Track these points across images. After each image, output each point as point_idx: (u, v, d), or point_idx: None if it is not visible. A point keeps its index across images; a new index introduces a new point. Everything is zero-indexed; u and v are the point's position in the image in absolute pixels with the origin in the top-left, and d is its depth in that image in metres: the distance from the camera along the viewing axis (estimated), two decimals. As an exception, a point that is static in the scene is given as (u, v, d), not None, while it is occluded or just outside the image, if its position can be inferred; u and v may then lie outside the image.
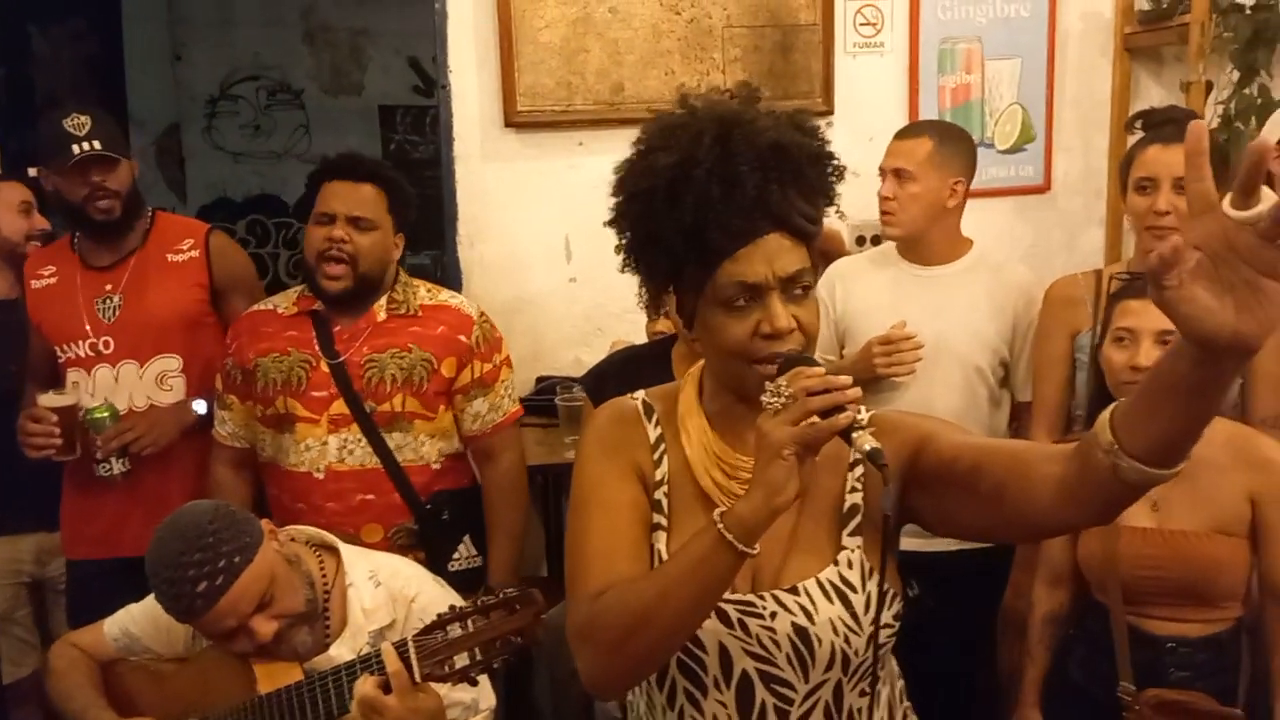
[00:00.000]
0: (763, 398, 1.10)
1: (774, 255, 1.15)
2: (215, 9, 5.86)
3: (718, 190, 1.14)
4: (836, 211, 1.24)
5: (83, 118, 2.38)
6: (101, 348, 2.42)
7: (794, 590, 1.21)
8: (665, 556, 1.23)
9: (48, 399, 2.31)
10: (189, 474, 2.44)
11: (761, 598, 1.21)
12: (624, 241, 1.25)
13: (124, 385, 2.43)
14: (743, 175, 1.13)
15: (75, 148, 2.34)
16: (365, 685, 1.55)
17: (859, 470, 1.24)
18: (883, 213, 2.42)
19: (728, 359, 1.19)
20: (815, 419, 1.05)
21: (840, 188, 1.24)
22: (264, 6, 5.84)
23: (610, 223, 1.26)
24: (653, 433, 1.29)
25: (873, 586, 1.21)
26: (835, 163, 1.21)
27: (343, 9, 5.91)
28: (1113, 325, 1.92)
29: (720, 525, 1.08)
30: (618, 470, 1.25)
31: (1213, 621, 1.87)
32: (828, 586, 1.21)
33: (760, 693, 1.22)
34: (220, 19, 5.87)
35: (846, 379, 1.07)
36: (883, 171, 2.42)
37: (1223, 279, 0.85)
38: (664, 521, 1.26)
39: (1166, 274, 0.86)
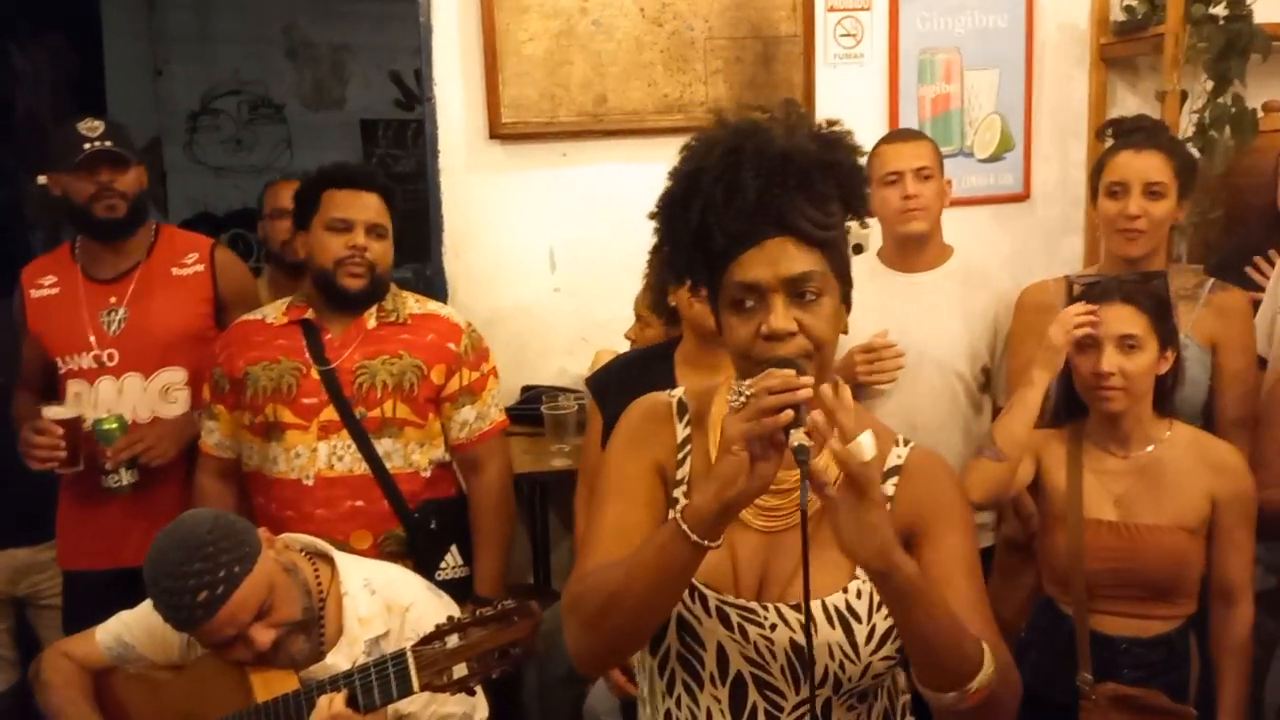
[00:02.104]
0: (728, 396, 1.15)
1: (777, 258, 1.18)
2: (196, 24, 5.86)
3: (720, 195, 1.18)
4: (860, 223, 1.26)
5: (96, 122, 2.40)
6: (106, 360, 2.42)
7: (798, 607, 1.22)
8: None
9: (52, 412, 2.31)
10: (186, 488, 2.43)
11: (765, 607, 1.23)
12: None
13: (128, 397, 2.43)
14: (744, 181, 1.17)
15: (87, 145, 2.35)
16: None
17: (887, 506, 1.20)
18: (911, 210, 2.42)
19: (738, 359, 1.22)
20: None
21: None
22: (245, 22, 5.84)
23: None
24: (681, 432, 1.32)
25: (879, 620, 1.22)
26: (846, 170, 1.21)
27: (324, 24, 5.92)
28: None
29: (678, 517, 1.12)
30: (640, 465, 1.30)
31: (1167, 619, 1.91)
32: (832, 611, 1.22)
33: (753, 695, 1.25)
34: (201, 34, 5.87)
35: (809, 379, 1.10)
36: (898, 174, 2.43)
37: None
38: None
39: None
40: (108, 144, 2.37)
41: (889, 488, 1.25)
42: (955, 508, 1.27)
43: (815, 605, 1.22)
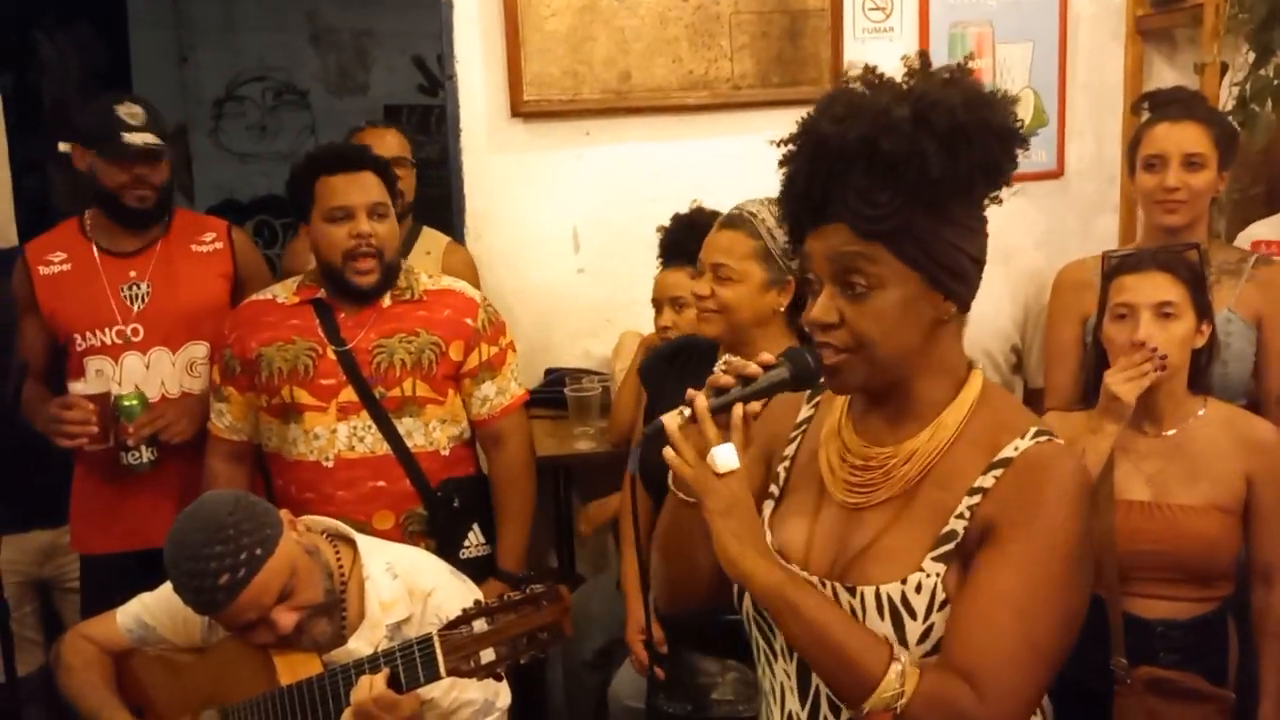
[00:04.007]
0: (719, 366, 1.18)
1: (823, 245, 1.15)
2: (221, 12, 5.86)
3: (785, 179, 1.19)
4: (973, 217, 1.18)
5: (136, 107, 2.38)
6: (130, 335, 2.40)
7: (852, 591, 1.17)
8: (768, 524, 1.27)
9: (79, 387, 2.29)
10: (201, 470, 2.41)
11: (824, 584, 1.19)
12: None
13: (155, 372, 2.41)
14: (798, 167, 1.16)
15: (128, 137, 2.34)
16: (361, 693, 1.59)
17: (976, 498, 1.14)
18: None
19: None
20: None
21: None
22: (269, 9, 5.83)
23: None
24: (804, 413, 1.32)
25: (938, 619, 1.13)
26: (903, 158, 1.09)
27: (348, 10, 5.90)
28: (1110, 302, 1.91)
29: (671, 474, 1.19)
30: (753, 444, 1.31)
31: (1202, 601, 1.86)
32: (884, 601, 1.15)
33: (815, 678, 1.21)
34: (226, 22, 5.87)
35: (755, 370, 1.15)
36: None
37: None
38: (776, 492, 1.30)
39: None
40: (149, 139, 2.35)
41: (989, 480, 1.14)
42: (1037, 522, 1.11)
43: (869, 592, 1.16)
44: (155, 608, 1.87)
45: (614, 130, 3.05)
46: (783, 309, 2.01)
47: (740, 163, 3.07)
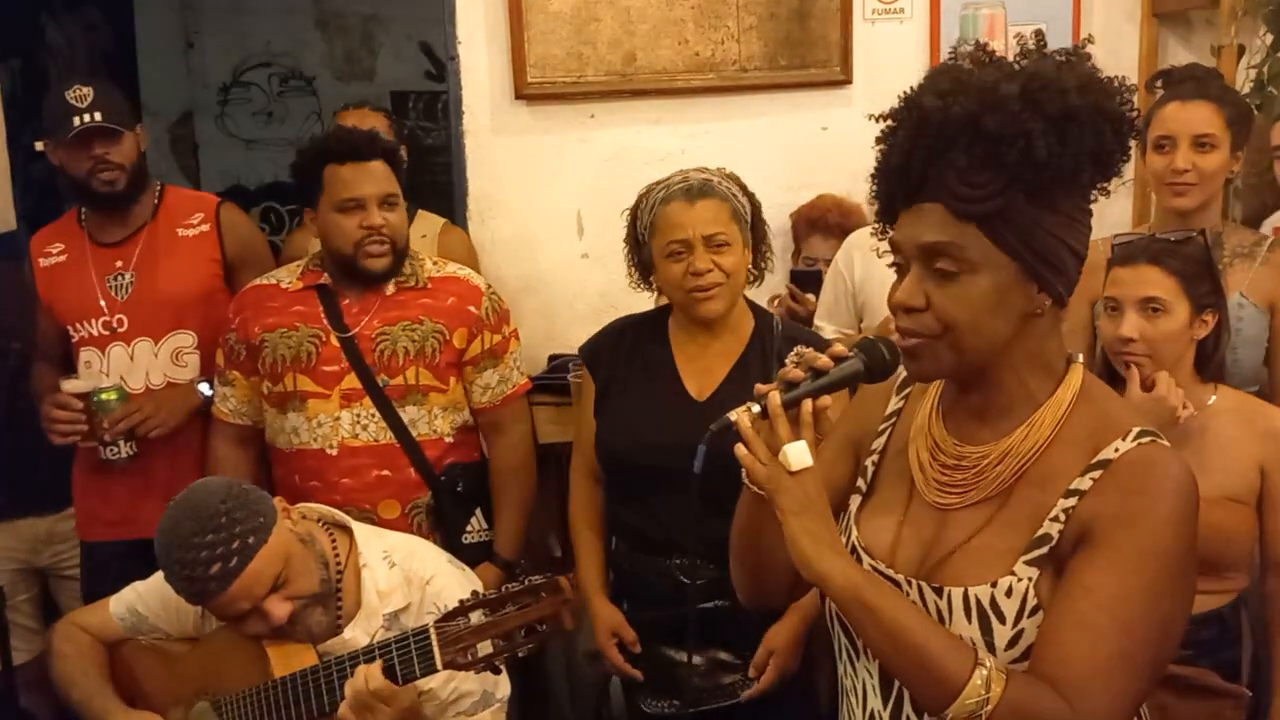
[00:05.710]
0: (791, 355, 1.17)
1: (915, 225, 1.11)
2: (227, -4, 5.84)
3: (881, 155, 1.15)
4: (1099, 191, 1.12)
5: (84, 89, 2.34)
6: (115, 325, 2.40)
7: (939, 591, 1.13)
8: (854, 520, 1.25)
9: (70, 385, 2.30)
10: (203, 457, 2.40)
11: (909, 583, 1.16)
12: None
13: (139, 363, 2.41)
14: (897, 143, 1.12)
15: (76, 119, 2.31)
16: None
17: (1073, 500, 1.10)
18: None
19: None
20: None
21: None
22: (276, -7, 5.81)
23: None
24: (893, 405, 1.29)
25: (1029, 626, 1.09)
26: (1007, 139, 1.05)
27: (354, -5, 5.88)
28: (1104, 293, 1.88)
29: None
30: (837, 432, 1.31)
31: (1215, 594, 1.83)
32: (973, 604, 1.11)
33: None
34: (232, 6, 5.84)
35: (826, 362, 1.14)
36: None
37: None
38: (863, 486, 1.27)
39: None
40: (96, 117, 2.31)
41: (1086, 482, 1.09)
42: (1136, 526, 1.07)
43: (957, 594, 1.12)
44: (148, 596, 1.85)
45: (619, 113, 3.02)
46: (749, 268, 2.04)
47: (747, 146, 3.04)
